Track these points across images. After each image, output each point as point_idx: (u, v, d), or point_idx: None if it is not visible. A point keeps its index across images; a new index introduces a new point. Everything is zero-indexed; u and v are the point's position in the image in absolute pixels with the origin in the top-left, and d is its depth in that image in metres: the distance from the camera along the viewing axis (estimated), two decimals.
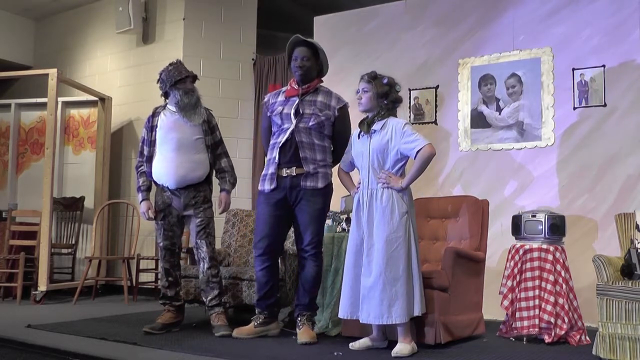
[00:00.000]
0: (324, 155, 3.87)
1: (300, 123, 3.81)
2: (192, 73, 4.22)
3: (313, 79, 3.90)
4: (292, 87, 3.93)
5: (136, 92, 6.93)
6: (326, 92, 3.94)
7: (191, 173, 4.09)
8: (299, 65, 3.86)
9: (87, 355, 3.34)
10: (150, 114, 4.27)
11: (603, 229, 4.55)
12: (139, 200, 4.21)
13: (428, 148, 3.45)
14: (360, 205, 3.58)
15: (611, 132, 4.64)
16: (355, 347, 3.55)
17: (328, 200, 3.92)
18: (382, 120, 3.57)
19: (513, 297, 3.91)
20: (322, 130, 3.85)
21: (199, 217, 4.10)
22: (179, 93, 4.09)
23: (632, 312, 3.21)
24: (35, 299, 5.66)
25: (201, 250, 4.10)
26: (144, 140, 4.24)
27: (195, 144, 4.12)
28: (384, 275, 3.38)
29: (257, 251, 3.88)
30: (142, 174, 4.22)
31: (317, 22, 6.07)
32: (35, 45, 8.10)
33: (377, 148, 3.53)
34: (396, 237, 3.42)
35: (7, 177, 7.01)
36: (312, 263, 3.83)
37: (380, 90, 3.56)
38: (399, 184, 3.48)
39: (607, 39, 4.72)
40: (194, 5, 6.68)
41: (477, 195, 4.42)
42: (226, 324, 3.98)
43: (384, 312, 3.37)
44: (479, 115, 5.19)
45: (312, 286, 3.86)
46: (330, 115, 3.87)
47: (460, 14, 5.35)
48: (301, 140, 3.79)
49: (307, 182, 3.79)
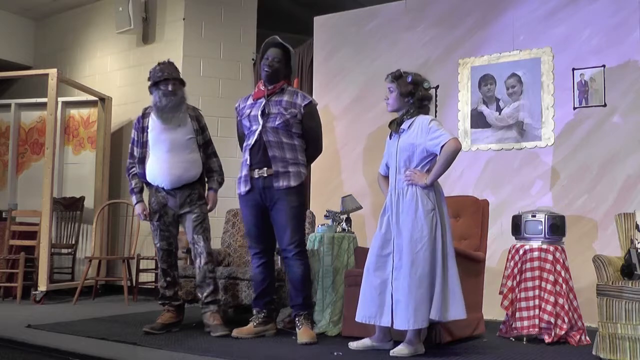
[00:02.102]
0: (294, 154, 3.87)
1: (267, 123, 3.84)
2: (176, 76, 4.11)
3: (279, 81, 3.93)
4: (259, 89, 3.97)
5: (136, 92, 6.92)
6: (292, 92, 3.97)
7: (186, 173, 4.10)
8: (268, 64, 3.89)
9: (87, 355, 3.34)
10: (139, 114, 4.24)
11: (603, 229, 4.55)
12: (134, 203, 4.22)
13: (453, 142, 3.35)
14: (388, 207, 3.49)
15: (611, 132, 4.64)
16: (353, 347, 3.50)
17: (302, 198, 3.94)
18: (410, 119, 3.49)
19: (513, 297, 3.91)
20: (290, 128, 3.87)
21: (195, 213, 4.11)
22: (157, 94, 4.05)
23: (632, 312, 3.20)
24: (35, 299, 5.66)
25: (198, 245, 4.10)
26: (134, 142, 4.22)
27: (187, 143, 4.12)
28: (409, 278, 3.28)
29: (251, 250, 3.98)
30: (134, 175, 4.21)
31: (317, 22, 6.07)
32: (35, 45, 8.11)
33: (404, 147, 3.46)
34: (421, 237, 3.31)
35: (7, 177, 7.02)
36: (297, 262, 3.83)
37: (404, 90, 3.49)
38: (424, 180, 3.40)
39: (607, 39, 4.72)
40: (194, 5, 6.69)
41: (477, 195, 4.43)
42: (222, 323, 3.97)
43: (409, 317, 3.25)
44: (479, 115, 5.19)
45: (302, 285, 3.86)
46: (295, 112, 3.88)
47: (460, 14, 5.35)
48: (268, 139, 3.81)
49: (279, 182, 3.80)
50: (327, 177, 5.70)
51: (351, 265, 4.16)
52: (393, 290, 3.35)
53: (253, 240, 3.96)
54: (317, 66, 6.01)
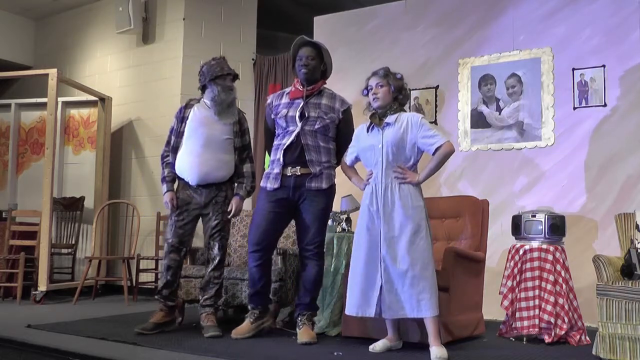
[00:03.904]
0: (328, 157, 3.87)
1: (306, 126, 3.80)
2: (234, 72, 4.18)
3: (317, 80, 3.89)
4: (296, 88, 3.91)
5: (136, 92, 6.93)
6: (330, 95, 3.94)
7: (214, 172, 4.06)
8: (304, 64, 3.84)
9: (87, 355, 3.33)
10: (182, 104, 4.23)
11: (603, 229, 4.55)
12: (164, 191, 4.14)
13: (449, 145, 3.45)
14: (374, 200, 3.49)
15: (611, 132, 4.64)
16: (376, 349, 3.48)
17: (331, 201, 3.92)
18: (395, 114, 3.53)
19: (513, 297, 3.90)
20: (327, 132, 3.86)
21: (216, 220, 4.07)
22: (217, 88, 4.06)
23: (632, 312, 3.21)
24: (35, 299, 5.66)
25: (212, 251, 4.08)
26: (172, 130, 4.19)
27: (223, 143, 4.09)
28: (411, 269, 3.32)
29: (252, 247, 3.85)
30: (168, 164, 4.17)
31: (317, 22, 6.07)
32: (35, 45, 8.11)
33: (392, 141, 3.47)
34: (419, 231, 3.38)
35: (7, 177, 7.02)
36: (314, 262, 3.83)
37: (396, 85, 3.54)
38: (416, 178, 3.45)
39: (607, 39, 4.72)
40: (194, 5, 6.69)
41: (477, 195, 4.43)
42: (215, 324, 3.96)
43: (414, 307, 3.31)
44: (479, 115, 5.19)
45: (313, 286, 3.86)
46: (335, 118, 3.87)
47: (460, 14, 5.35)
48: (307, 142, 3.79)
49: (311, 183, 3.79)
50: None
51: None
52: (383, 282, 3.39)
53: (257, 235, 3.83)
54: None
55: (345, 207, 4.53)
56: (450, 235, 4.20)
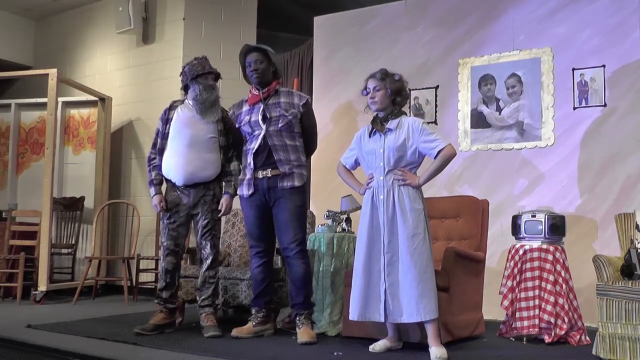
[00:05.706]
0: (297, 155, 3.91)
1: (270, 127, 3.86)
2: (215, 70, 4.20)
3: (270, 82, 3.96)
4: (252, 94, 3.98)
5: (136, 92, 6.93)
6: (287, 92, 4.00)
7: (200, 172, 4.07)
8: (253, 69, 3.92)
9: (87, 355, 3.34)
10: (167, 106, 4.24)
11: (603, 229, 4.55)
12: (152, 195, 4.16)
13: (450, 149, 3.46)
14: (376, 204, 3.50)
15: (611, 132, 4.64)
16: (376, 349, 3.48)
17: (305, 198, 3.98)
18: (396, 118, 3.53)
19: (513, 297, 3.90)
20: (292, 129, 3.90)
21: (206, 219, 4.08)
22: (198, 87, 4.08)
23: (632, 312, 3.21)
24: (35, 299, 5.66)
25: (204, 251, 4.10)
26: (157, 132, 4.21)
27: (208, 142, 4.10)
28: (410, 273, 3.33)
29: (252, 250, 3.99)
30: (155, 167, 4.18)
31: (317, 22, 6.07)
32: (35, 45, 8.11)
33: (393, 147, 3.48)
34: (418, 234, 3.38)
35: (7, 177, 7.02)
36: (299, 261, 3.84)
37: (393, 87, 3.51)
38: (416, 181, 3.46)
39: (607, 39, 4.72)
40: (194, 5, 6.69)
41: (477, 195, 4.43)
42: (215, 324, 3.97)
43: (413, 310, 3.32)
44: (479, 115, 5.19)
45: (303, 284, 3.87)
46: (296, 112, 3.91)
47: (460, 14, 5.35)
48: (274, 143, 3.84)
49: (284, 182, 3.84)
50: (327, 178, 5.69)
51: (351, 265, 4.15)
52: (387, 286, 3.39)
53: (254, 240, 3.97)
54: (317, 66, 6.01)
55: (345, 207, 4.52)
56: (450, 235, 4.20)
